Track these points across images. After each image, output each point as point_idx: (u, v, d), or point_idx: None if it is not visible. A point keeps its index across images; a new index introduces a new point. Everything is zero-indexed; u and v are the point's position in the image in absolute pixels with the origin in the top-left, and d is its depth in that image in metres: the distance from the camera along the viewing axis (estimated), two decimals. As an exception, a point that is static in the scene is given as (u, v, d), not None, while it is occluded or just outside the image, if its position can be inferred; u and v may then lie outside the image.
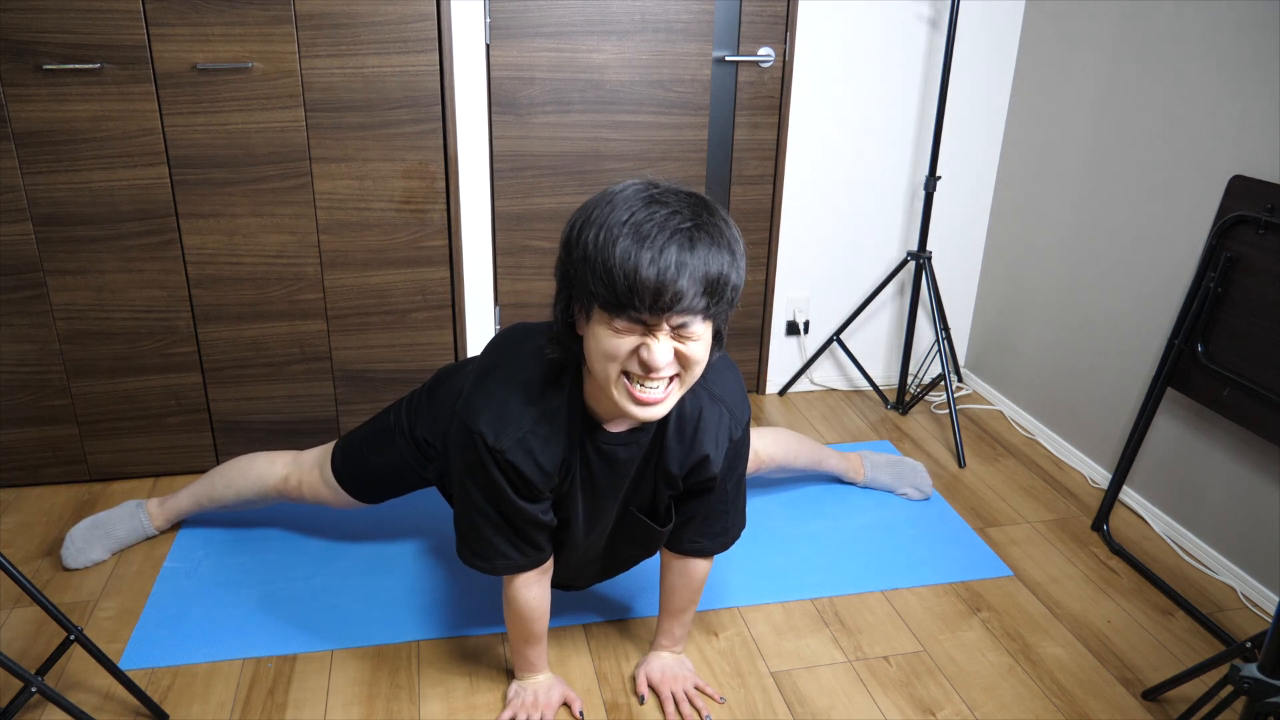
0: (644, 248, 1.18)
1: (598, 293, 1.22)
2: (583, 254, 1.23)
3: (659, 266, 1.17)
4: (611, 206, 1.22)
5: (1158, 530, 2.28)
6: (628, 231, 1.19)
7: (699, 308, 1.22)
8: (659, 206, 1.21)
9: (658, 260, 1.17)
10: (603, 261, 1.19)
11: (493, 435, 1.38)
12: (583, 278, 1.23)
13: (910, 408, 2.87)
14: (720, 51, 2.54)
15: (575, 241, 1.24)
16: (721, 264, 1.22)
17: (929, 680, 1.79)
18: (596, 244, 1.21)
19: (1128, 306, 2.36)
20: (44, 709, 1.66)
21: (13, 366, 2.23)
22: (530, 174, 2.52)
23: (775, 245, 2.78)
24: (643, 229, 1.19)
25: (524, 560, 1.52)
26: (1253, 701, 1.38)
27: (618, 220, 1.20)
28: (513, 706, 1.66)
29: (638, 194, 1.23)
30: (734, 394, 1.54)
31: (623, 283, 1.18)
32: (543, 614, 1.61)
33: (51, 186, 2.12)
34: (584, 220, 1.24)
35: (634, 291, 1.18)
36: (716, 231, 1.23)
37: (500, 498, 1.43)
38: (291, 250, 2.31)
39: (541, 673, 1.70)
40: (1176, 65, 2.16)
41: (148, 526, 2.10)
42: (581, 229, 1.24)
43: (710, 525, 1.61)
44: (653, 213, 1.20)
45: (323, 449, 1.96)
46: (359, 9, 2.16)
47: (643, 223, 1.19)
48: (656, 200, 1.22)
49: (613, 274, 1.19)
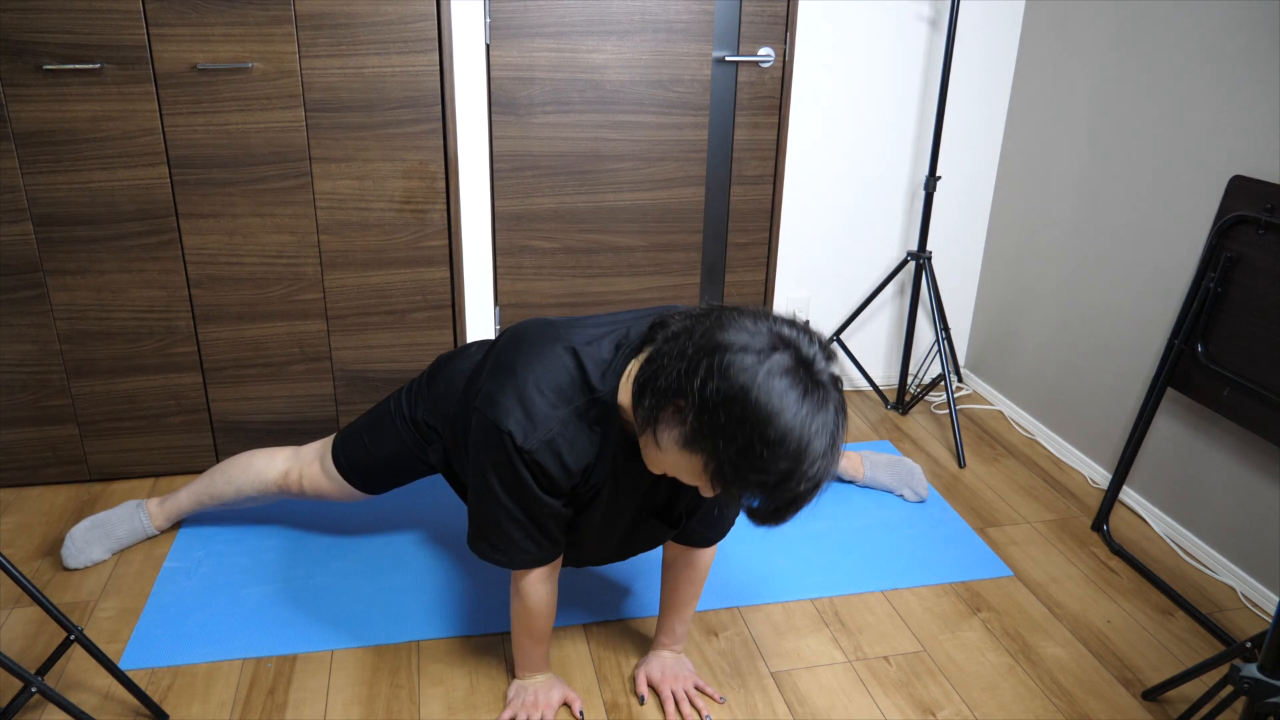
0: (809, 465, 1.18)
1: (747, 480, 1.20)
2: (758, 454, 1.17)
3: (811, 479, 1.20)
4: (798, 421, 1.17)
5: (1158, 530, 2.28)
6: (810, 459, 1.18)
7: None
8: (825, 411, 1.19)
9: (813, 473, 1.19)
10: (779, 475, 1.18)
11: (521, 435, 1.37)
12: (745, 475, 1.19)
13: (910, 408, 2.87)
14: (720, 51, 2.54)
15: (751, 435, 1.17)
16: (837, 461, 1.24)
17: (929, 680, 1.79)
18: (781, 459, 1.17)
19: (1128, 306, 2.36)
20: (44, 709, 1.66)
21: (13, 366, 2.23)
22: (530, 174, 2.52)
23: (775, 245, 2.78)
24: (818, 457, 1.19)
25: (540, 554, 1.52)
26: (1253, 701, 1.38)
27: (807, 439, 1.17)
28: (513, 706, 1.66)
29: (804, 390, 1.19)
30: None
31: (786, 498, 1.20)
32: (550, 611, 1.62)
33: (51, 186, 2.12)
34: (772, 420, 1.16)
35: (787, 500, 1.21)
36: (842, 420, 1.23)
37: (524, 494, 1.43)
38: (291, 250, 2.31)
39: (542, 672, 1.70)
40: (1176, 65, 2.16)
41: (148, 526, 2.10)
42: (763, 424, 1.16)
43: (713, 515, 1.63)
44: (825, 418, 1.19)
45: (322, 442, 1.97)
46: (359, 9, 2.16)
47: (815, 438, 1.18)
48: (820, 389, 1.20)
49: (783, 493, 1.19)
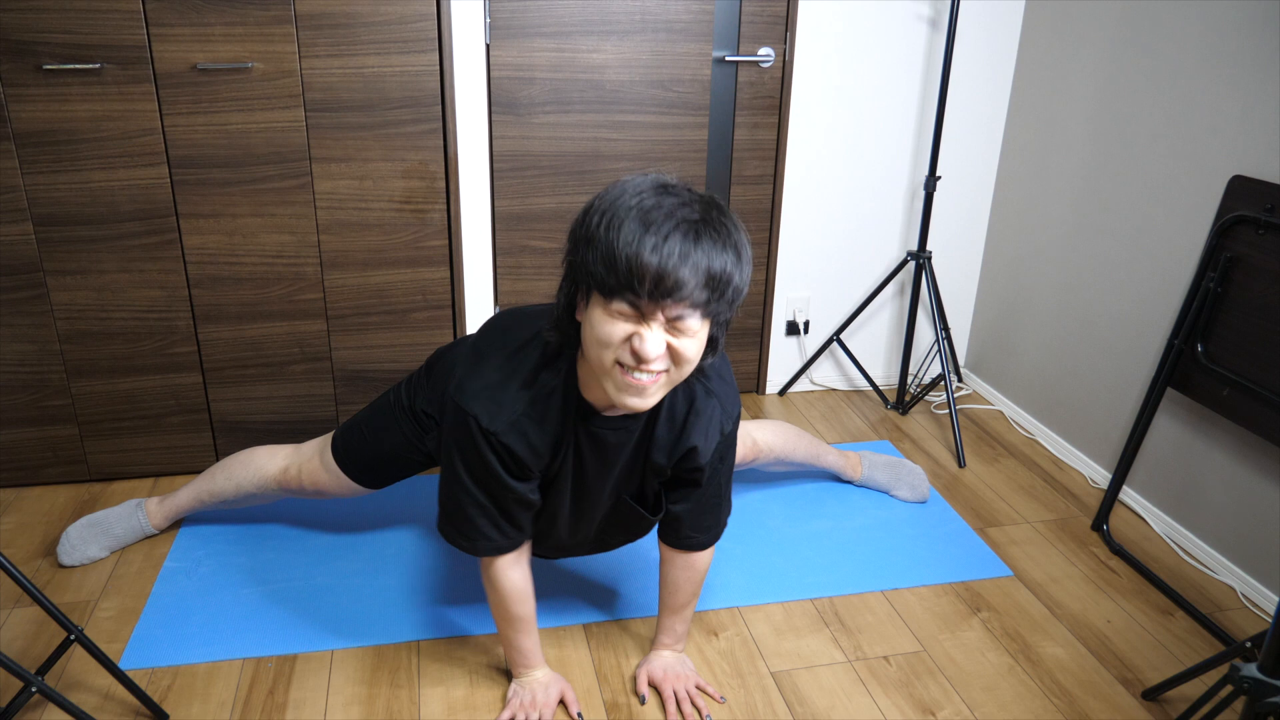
0: (649, 233, 1.18)
1: (598, 274, 1.22)
2: (587, 235, 1.23)
3: (661, 253, 1.18)
4: (622, 191, 1.23)
5: (1158, 530, 2.28)
6: (635, 215, 1.20)
7: (698, 301, 1.22)
8: (669, 196, 1.22)
9: (661, 247, 1.18)
10: (607, 243, 1.20)
11: (487, 417, 1.40)
12: (586, 259, 1.24)
13: (910, 408, 2.87)
14: (720, 51, 2.54)
15: (583, 223, 1.25)
16: (725, 262, 1.22)
17: (929, 680, 1.79)
18: (603, 225, 1.21)
19: (1128, 306, 2.36)
20: (44, 709, 1.66)
21: (13, 366, 2.23)
22: (530, 174, 2.52)
23: (775, 245, 2.78)
24: (650, 215, 1.19)
25: (504, 542, 1.53)
26: (1252, 701, 1.38)
27: (626, 205, 1.21)
28: (511, 707, 1.66)
29: (651, 183, 1.24)
30: (729, 389, 1.56)
31: (624, 265, 1.18)
32: (526, 595, 1.61)
33: (51, 186, 2.12)
34: (594, 205, 1.25)
35: (634, 274, 1.18)
36: (724, 230, 1.23)
37: (490, 477, 1.45)
38: (291, 250, 2.31)
39: (538, 668, 1.69)
40: (1176, 65, 2.16)
41: (146, 525, 2.10)
42: (590, 212, 1.25)
43: (704, 518, 1.63)
44: (661, 200, 1.21)
45: (322, 438, 1.97)
46: (359, 9, 2.16)
47: (651, 209, 1.20)
48: (668, 191, 1.23)
49: (615, 255, 1.19)
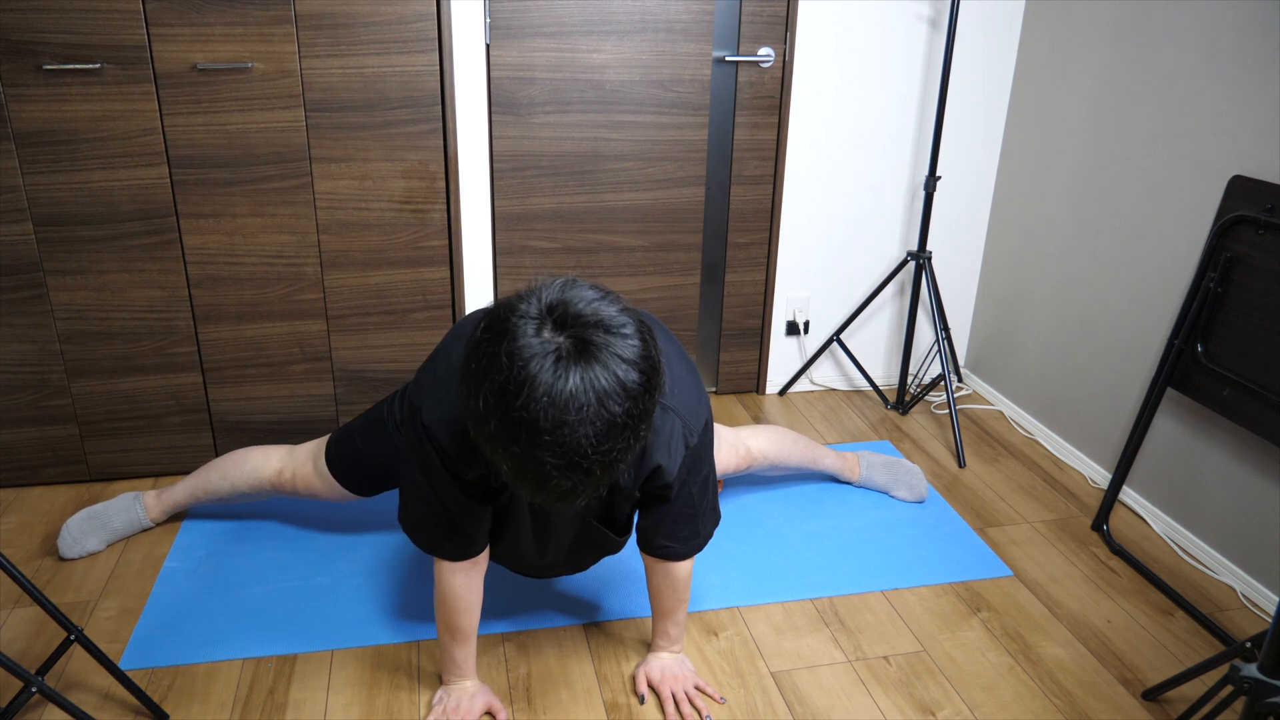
0: (523, 482, 1.15)
1: (494, 465, 1.18)
2: (477, 416, 1.14)
3: (545, 492, 1.16)
4: (506, 380, 1.10)
5: (1158, 530, 2.28)
6: (517, 448, 1.12)
7: (591, 498, 1.22)
8: (548, 368, 1.09)
9: (542, 488, 1.15)
10: (495, 456, 1.16)
11: (425, 411, 1.42)
12: (479, 437, 1.17)
13: (910, 408, 2.87)
14: (720, 51, 2.54)
15: (475, 395, 1.13)
16: (609, 457, 1.13)
17: (929, 680, 1.79)
18: (492, 429, 1.13)
19: (1128, 306, 2.36)
20: (44, 709, 1.66)
21: (13, 366, 2.23)
22: (530, 174, 2.52)
23: (775, 245, 2.78)
24: (523, 466, 1.13)
25: (452, 549, 1.52)
26: (1253, 701, 1.38)
27: (512, 418, 1.10)
28: (434, 712, 1.64)
29: (530, 354, 1.10)
30: (689, 400, 1.49)
31: (516, 484, 1.18)
32: (469, 606, 1.59)
33: (51, 186, 2.12)
34: (481, 379, 1.12)
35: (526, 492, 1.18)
36: (603, 389, 1.09)
37: (432, 474, 1.45)
38: (291, 250, 2.31)
39: (468, 678, 1.68)
40: (1176, 65, 2.16)
41: (143, 518, 2.11)
42: (478, 395, 1.13)
43: (679, 529, 1.58)
44: (536, 451, 1.11)
45: (317, 442, 1.98)
46: (359, 9, 2.16)
47: (524, 453, 1.11)
48: (547, 358, 1.10)
49: (505, 473, 1.17)
